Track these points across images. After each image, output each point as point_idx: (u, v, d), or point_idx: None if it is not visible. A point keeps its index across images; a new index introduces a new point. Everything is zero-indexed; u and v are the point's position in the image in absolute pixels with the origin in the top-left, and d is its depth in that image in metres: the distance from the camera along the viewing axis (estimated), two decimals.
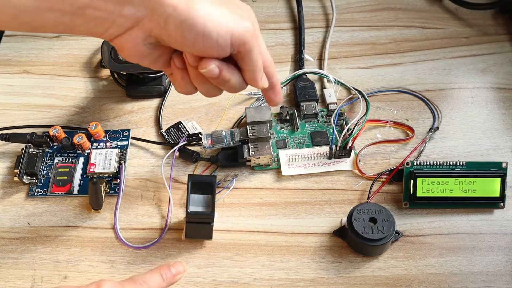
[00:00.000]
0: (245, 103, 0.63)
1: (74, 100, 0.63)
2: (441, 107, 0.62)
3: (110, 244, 0.52)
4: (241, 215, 0.54)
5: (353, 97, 0.61)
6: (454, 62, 0.67)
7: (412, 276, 0.50)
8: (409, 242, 0.52)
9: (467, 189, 0.53)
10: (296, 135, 0.59)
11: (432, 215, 0.54)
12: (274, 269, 0.51)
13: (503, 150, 0.58)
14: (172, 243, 0.52)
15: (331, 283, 0.50)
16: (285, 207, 0.55)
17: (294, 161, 0.56)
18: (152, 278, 0.42)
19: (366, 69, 0.66)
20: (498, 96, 0.63)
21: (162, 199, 0.55)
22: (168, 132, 0.59)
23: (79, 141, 0.56)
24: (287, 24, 0.71)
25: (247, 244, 0.52)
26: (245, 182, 0.56)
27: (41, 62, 0.67)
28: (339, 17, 0.71)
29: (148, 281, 0.41)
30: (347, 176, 0.57)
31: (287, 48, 0.68)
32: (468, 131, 0.60)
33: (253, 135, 0.56)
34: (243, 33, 0.39)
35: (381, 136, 0.59)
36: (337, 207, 0.54)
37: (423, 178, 0.53)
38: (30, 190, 0.55)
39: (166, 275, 0.43)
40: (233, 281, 0.50)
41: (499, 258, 0.51)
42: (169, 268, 0.43)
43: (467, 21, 0.71)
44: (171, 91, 0.64)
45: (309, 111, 0.60)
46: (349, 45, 0.68)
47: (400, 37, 0.69)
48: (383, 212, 0.50)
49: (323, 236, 0.53)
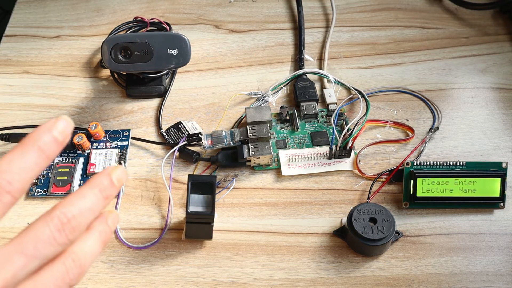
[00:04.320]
0: (245, 103, 0.63)
1: (74, 100, 0.63)
2: (441, 107, 0.62)
3: (110, 244, 0.52)
4: (241, 215, 0.54)
5: (353, 97, 0.61)
6: (454, 62, 0.67)
7: (412, 276, 0.50)
8: (409, 242, 0.52)
9: (467, 189, 0.53)
10: (296, 135, 0.59)
11: (432, 215, 0.54)
12: (274, 269, 0.51)
13: (503, 150, 0.58)
14: (172, 243, 0.52)
15: (331, 283, 0.50)
16: (285, 207, 0.55)
17: (294, 161, 0.56)
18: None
19: (366, 69, 0.66)
20: (498, 96, 0.63)
21: (162, 199, 0.55)
22: (168, 132, 0.59)
23: (79, 141, 0.56)
24: (287, 24, 0.71)
25: (247, 244, 0.52)
26: (245, 182, 0.56)
27: (41, 62, 0.67)
28: (339, 17, 0.71)
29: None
30: (347, 176, 0.57)
31: (287, 48, 0.68)
32: (468, 131, 0.60)
33: (253, 135, 0.56)
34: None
35: (381, 136, 0.59)
36: (337, 207, 0.54)
37: (423, 178, 0.53)
38: (30, 190, 0.55)
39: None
40: (233, 281, 0.50)
41: (499, 258, 0.51)
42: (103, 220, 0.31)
43: (467, 21, 0.71)
44: (171, 91, 0.64)
45: (309, 111, 0.60)
46: (349, 45, 0.68)
47: (400, 37, 0.69)
48: (383, 212, 0.50)
49: (323, 236, 0.53)
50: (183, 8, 0.73)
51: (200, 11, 0.72)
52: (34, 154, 0.27)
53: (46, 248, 0.26)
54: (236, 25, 0.71)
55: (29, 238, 0.26)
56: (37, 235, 0.27)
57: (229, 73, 0.66)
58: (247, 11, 0.72)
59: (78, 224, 0.28)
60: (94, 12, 0.72)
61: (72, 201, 0.28)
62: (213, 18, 0.71)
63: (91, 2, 0.73)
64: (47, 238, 0.27)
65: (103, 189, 0.29)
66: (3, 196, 0.27)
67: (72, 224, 0.27)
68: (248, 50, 0.68)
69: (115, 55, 0.58)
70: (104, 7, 0.73)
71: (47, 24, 0.71)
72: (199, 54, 0.67)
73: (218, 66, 0.66)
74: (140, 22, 0.68)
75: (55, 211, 0.27)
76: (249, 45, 0.68)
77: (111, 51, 0.58)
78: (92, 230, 0.30)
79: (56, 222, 0.27)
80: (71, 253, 0.28)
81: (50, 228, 0.27)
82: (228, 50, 0.68)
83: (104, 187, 0.29)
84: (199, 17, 0.71)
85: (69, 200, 0.28)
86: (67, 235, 0.27)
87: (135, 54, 0.57)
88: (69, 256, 0.28)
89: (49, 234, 0.27)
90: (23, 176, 0.27)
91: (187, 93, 0.64)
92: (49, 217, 0.27)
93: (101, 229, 0.30)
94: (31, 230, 0.27)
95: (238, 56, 0.67)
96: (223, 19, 0.71)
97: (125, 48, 0.57)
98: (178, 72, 0.65)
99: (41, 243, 0.26)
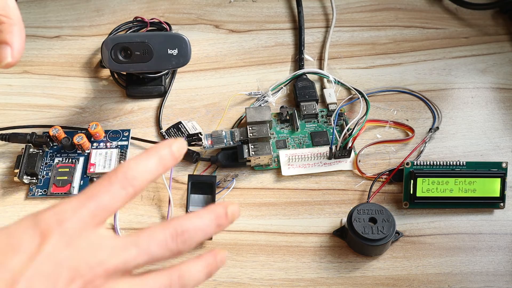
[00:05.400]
0: (245, 103, 0.63)
1: (74, 100, 0.63)
2: (441, 107, 0.62)
3: None
4: (241, 215, 0.54)
5: (353, 97, 0.61)
6: (454, 62, 0.67)
7: (412, 276, 0.50)
8: (409, 242, 0.52)
9: (467, 189, 0.53)
10: (296, 135, 0.59)
11: (432, 215, 0.54)
12: (274, 269, 0.51)
13: (503, 150, 0.58)
14: None
15: (331, 283, 0.50)
16: (285, 207, 0.55)
17: (294, 161, 0.56)
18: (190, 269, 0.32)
19: (366, 69, 0.66)
20: (498, 96, 0.63)
21: (162, 199, 0.55)
22: (168, 132, 0.59)
23: (79, 141, 0.56)
24: (287, 24, 0.71)
25: (247, 244, 0.52)
26: (245, 182, 0.56)
27: (41, 62, 0.67)
28: (339, 17, 0.71)
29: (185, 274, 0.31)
30: (347, 176, 0.57)
31: (287, 48, 0.68)
32: (468, 131, 0.60)
33: (253, 135, 0.56)
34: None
35: (381, 136, 0.59)
36: (337, 207, 0.54)
37: (423, 178, 0.53)
38: (30, 190, 0.55)
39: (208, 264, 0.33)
40: (233, 281, 0.50)
41: (499, 258, 0.51)
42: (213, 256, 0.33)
43: (467, 21, 0.71)
44: (171, 91, 0.64)
45: (309, 111, 0.60)
46: (349, 45, 0.68)
47: (400, 37, 0.69)
48: (383, 212, 0.50)
49: (323, 236, 0.53)
50: (183, 8, 0.73)
51: (200, 11, 0.72)
52: (155, 162, 0.32)
53: (157, 249, 0.30)
54: (236, 25, 0.71)
55: (145, 235, 0.30)
56: (152, 235, 0.30)
57: (229, 73, 0.66)
58: (247, 11, 0.72)
59: (190, 239, 0.31)
60: (94, 12, 0.72)
61: (190, 217, 0.32)
62: (213, 18, 0.71)
63: (91, 2, 0.73)
64: (160, 240, 0.30)
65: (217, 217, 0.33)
66: (128, 188, 0.30)
67: (185, 236, 0.31)
68: (248, 50, 0.68)
69: (115, 55, 0.58)
70: (104, 7, 0.73)
71: (47, 24, 0.71)
72: (199, 54, 0.67)
73: (218, 66, 0.66)
74: (140, 22, 0.68)
75: (174, 221, 0.31)
76: (249, 45, 0.68)
77: (111, 51, 0.58)
78: (201, 258, 0.32)
79: (172, 230, 0.31)
80: (178, 270, 0.31)
81: (165, 233, 0.30)
82: (228, 50, 0.68)
83: (218, 215, 0.33)
84: (199, 17, 0.71)
85: (188, 216, 0.32)
86: (178, 244, 0.31)
87: (135, 54, 0.57)
88: (176, 272, 0.31)
89: (163, 237, 0.30)
90: (145, 176, 0.31)
91: (187, 93, 0.64)
92: (168, 225, 0.31)
93: (210, 261, 0.33)
94: (149, 230, 0.30)
95: (238, 56, 0.67)
96: (223, 19, 0.71)
97: (125, 48, 0.57)
98: (178, 72, 0.65)
99: (154, 243, 0.30)
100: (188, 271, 0.31)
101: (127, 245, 0.30)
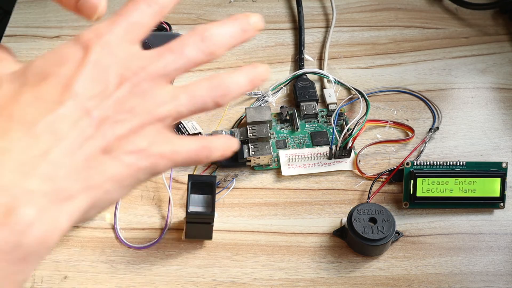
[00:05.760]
0: (245, 103, 0.63)
1: None
2: (441, 107, 0.62)
3: (110, 244, 0.52)
4: (241, 215, 0.54)
5: (353, 97, 0.61)
6: (454, 62, 0.67)
7: (412, 276, 0.50)
8: (409, 242, 0.52)
9: (467, 189, 0.53)
10: (296, 135, 0.59)
11: (432, 215, 0.54)
12: (274, 269, 0.51)
13: (503, 150, 0.58)
14: (172, 243, 0.52)
15: (331, 283, 0.50)
16: (285, 207, 0.55)
17: (294, 161, 0.56)
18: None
19: (366, 69, 0.66)
20: (498, 96, 0.63)
21: (162, 199, 0.55)
22: None
23: None
24: (287, 24, 0.71)
25: (247, 244, 0.52)
26: (245, 182, 0.56)
27: None
28: (339, 17, 0.71)
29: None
30: (347, 176, 0.57)
31: (287, 48, 0.68)
32: (468, 131, 0.60)
33: (253, 135, 0.56)
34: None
35: (381, 136, 0.59)
36: (337, 207, 0.54)
37: (423, 178, 0.53)
38: None
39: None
40: (233, 281, 0.50)
41: (499, 258, 0.51)
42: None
43: (467, 21, 0.71)
44: None
45: (309, 111, 0.60)
46: (349, 45, 0.68)
47: (400, 37, 0.69)
48: (383, 212, 0.50)
49: (323, 236, 0.53)
50: (183, 8, 0.73)
51: (200, 11, 0.72)
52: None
53: (190, 50, 0.31)
54: None
55: (175, 43, 0.32)
56: (183, 40, 0.31)
57: None
58: (247, 11, 0.72)
59: (220, 41, 0.32)
60: None
61: (212, 24, 0.32)
62: (213, 18, 0.71)
63: None
64: (191, 42, 0.31)
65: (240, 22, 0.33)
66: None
67: (214, 39, 0.32)
68: (248, 50, 0.68)
69: None
70: None
71: (47, 24, 0.71)
72: None
73: (218, 66, 0.66)
74: None
75: (198, 28, 0.32)
76: (249, 45, 0.68)
77: None
78: (241, 69, 0.33)
79: (199, 35, 0.31)
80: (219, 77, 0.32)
81: (194, 38, 0.31)
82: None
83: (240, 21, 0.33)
84: (199, 17, 0.71)
85: (210, 24, 0.32)
86: (208, 45, 0.32)
87: None
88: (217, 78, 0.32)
89: (193, 40, 0.31)
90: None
91: None
92: (194, 31, 0.32)
93: (250, 70, 0.33)
94: (178, 39, 0.32)
95: (238, 56, 0.67)
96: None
97: None
98: None
99: (186, 46, 0.31)
100: (229, 76, 0.32)
101: (163, 52, 0.31)
